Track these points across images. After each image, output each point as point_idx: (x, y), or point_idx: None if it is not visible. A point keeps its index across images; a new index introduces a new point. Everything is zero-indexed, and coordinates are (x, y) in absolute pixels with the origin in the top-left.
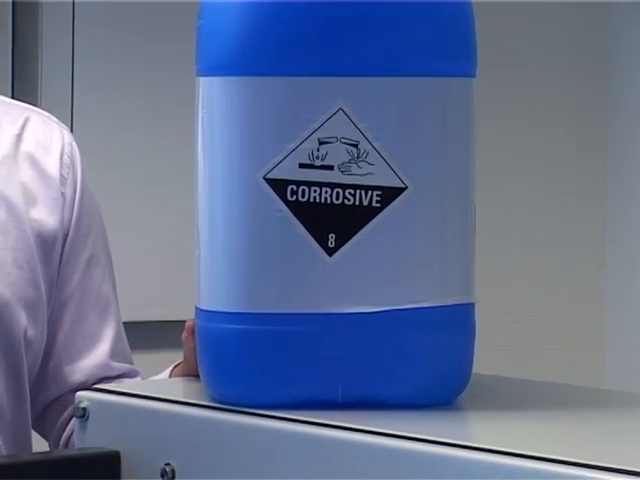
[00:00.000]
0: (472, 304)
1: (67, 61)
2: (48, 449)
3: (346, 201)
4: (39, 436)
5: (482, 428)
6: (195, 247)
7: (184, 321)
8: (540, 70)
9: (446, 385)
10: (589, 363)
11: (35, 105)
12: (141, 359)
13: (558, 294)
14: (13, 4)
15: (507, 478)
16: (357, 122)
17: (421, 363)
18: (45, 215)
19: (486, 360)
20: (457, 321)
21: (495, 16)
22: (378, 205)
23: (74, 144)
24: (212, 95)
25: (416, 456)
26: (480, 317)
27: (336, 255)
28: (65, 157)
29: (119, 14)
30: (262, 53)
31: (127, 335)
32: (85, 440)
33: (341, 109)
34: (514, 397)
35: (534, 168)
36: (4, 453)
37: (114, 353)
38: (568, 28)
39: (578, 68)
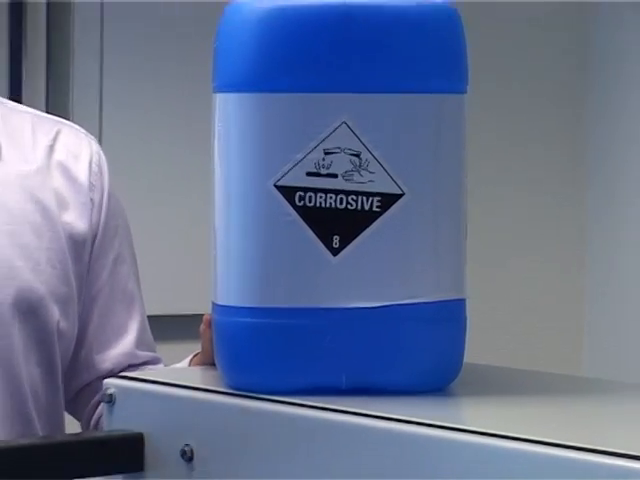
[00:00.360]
0: (463, 300)
1: (96, 77)
2: (80, 430)
3: (349, 206)
4: (71, 418)
5: (472, 412)
6: (211, 248)
7: (202, 315)
8: (519, 80)
9: (440, 373)
10: (567, 359)
11: (66, 118)
12: (163, 349)
13: (538, 293)
14: (47, 24)
15: (494, 458)
16: (359, 134)
17: (417, 353)
18: (76, 218)
19: (477, 352)
20: (449, 315)
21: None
22: (378, 210)
23: (101, 153)
24: (227, 110)
25: (411, 437)
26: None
27: (340, 255)
28: (93, 165)
29: (146, 34)
30: (273, 72)
31: (151, 327)
32: (112, 423)
33: (345, 123)
34: (502, 384)
35: (516, 172)
36: (40, 434)
37: (139, 343)
38: (545, 37)
39: (555, 77)
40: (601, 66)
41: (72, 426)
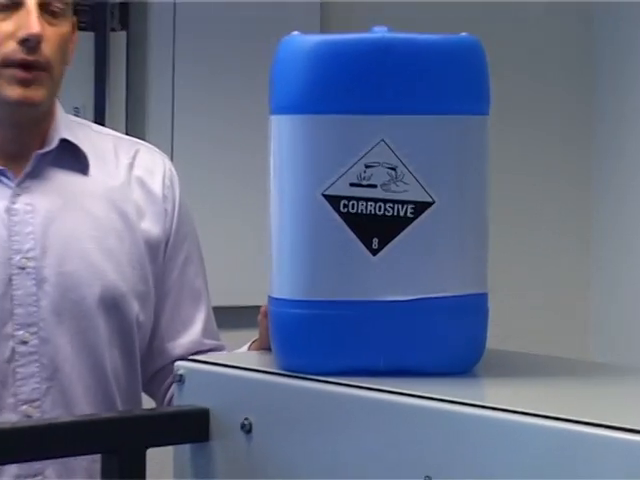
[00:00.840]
0: (485, 294)
1: (168, 101)
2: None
3: (386, 212)
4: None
5: (493, 391)
6: (268, 248)
7: (259, 306)
8: (526, 76)
9: (464, 357)
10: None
11: (142, 137)
12: (226, 336)
13: (545, 287)
14: (127, 56)
15: (509, 431)
16: (395, 151)
17: (445, 340)
18: (151, 226)
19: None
20: (473, 307)
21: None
22: (412, 216)
23: (173, 169)
24: (281, 129)
25: (439, 413)
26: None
27: (379, 255)
28: (166, 180)
29: (215, 60)
30: (321, 96)
31: (216, 317)
32: (182, 399)
33: (383, 140)
34: (519, 367)
35: (526, 169)
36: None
37: (205, 332)
38: (553, 36)
39: (564, 76)
40: (609, 65)
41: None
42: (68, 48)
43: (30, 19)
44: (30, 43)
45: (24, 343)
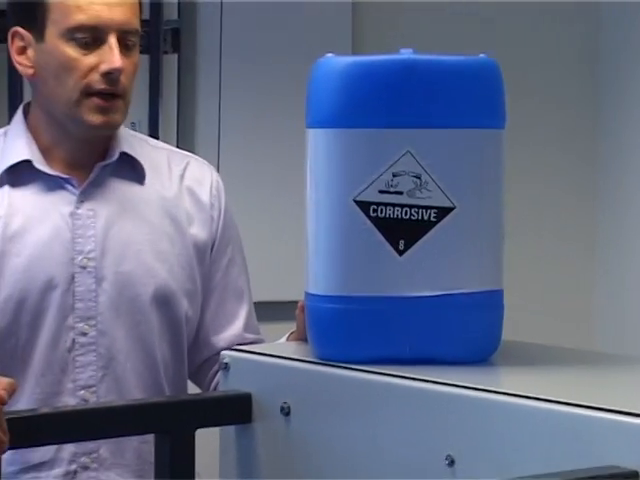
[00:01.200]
0: (501, 290)
1: (215, 117)
2: None
3: (412, 217)
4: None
5: (508, 378)
6: (305, 249)
7: (297, 301)
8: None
9: (482, 347)
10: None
11: (193, 152)
12: (266, 329)
13: (548, 293)
14: (178, 74)
15: (522, 414)
16: (420, 161)
17: (464, 332)
18: (199, 231)
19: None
20: (490, 302)
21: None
22: (434, 220)
23: (219, 180)
24: (317, 142)
25: (459, 398)
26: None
27: (405, 255)
28: (213, 190)
29: (256, 79)
30: (352, 112)
31: (257, 311)
32: (227, 385)
33: (409, 151)
34: (532, 356)
35: (533, 169)
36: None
37: (247, 327)
38: (557, 48)
39: (568, 78)
40: (613, 66)
41: None
42: (135, 73)
43: (113, 54)
44: (112, 76)
45: (83, 334)
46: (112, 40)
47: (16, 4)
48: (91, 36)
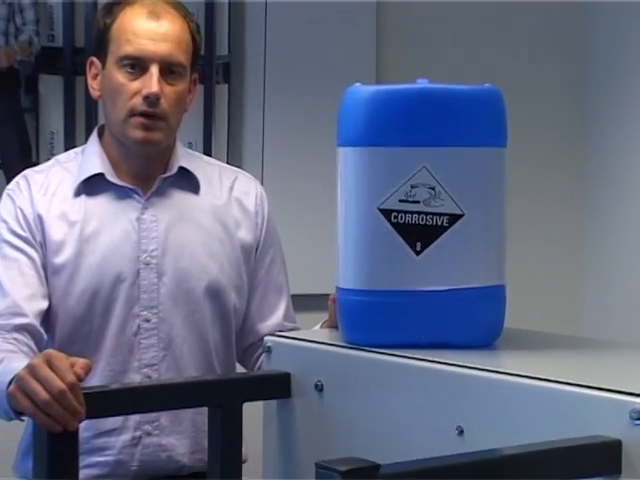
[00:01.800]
0: (504, 285)
1: (259, 138)
2: None
3: (427, 222)
4: None
5: (510, 360)
6: (335, 250)
7: (328, 294)
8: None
9: (487, 334)
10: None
11: (240, 167)
12: (302, 318)
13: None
14: (229, 102)
15: (520, 391)
16: (434, 175)
17: (472, 320)
18: (246, 235)
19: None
20: (494, 295)
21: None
22: (447, 225)
23: (263, 192)
24: (346, 158)
25: (467, 377)
26: None
27: (421, 255)
28: (258, 200)
29: (298, 107)
30: (376, 133)
31: (294, 303)
32: (269, 365)
33: (424, 167)
34: (530, 341)
35: (524, 174)
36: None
37: (285, 317)
38: (546, 63)
39: (557, 84)
40: (602, 74)
41: None
42: (184, 101)
43: (152, 82)
44: (150, 99)
45: (147, 321)
46: (153, 69)
47: (94, 37)
48: (137, 65)
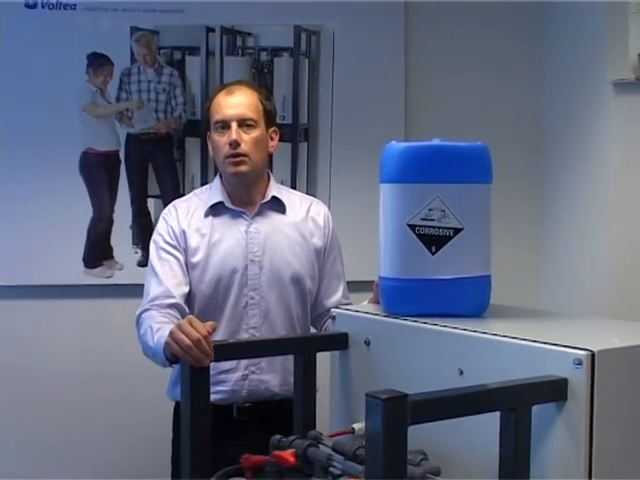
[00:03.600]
0: (490, 275)
1: (327, 177)
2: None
3: (440, 233)
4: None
5: (493, 324)
6: (378, 251)
7: (372, 281)
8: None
9: (479, 307)
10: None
11: (314, 196)
12: (354, 297)
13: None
14: (307, 155)
15: (501, 346)
16: (444, 202)
17: (469, 298)
18: (317, 241)
19: None
20: (484, 282)
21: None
22: (452, 235)
23: (329, 213)
24: (385, 191)
25: (465, 336)
26: None
27: (435, 255)
28: (325, 218)
29: (353, 156)
30: (405, 174)
31: (348, 286)
32: (334, 328)
33: (438, 197)
34: (508, 312)
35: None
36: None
37: (343, 295)
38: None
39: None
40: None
41: None
42: (264, 144)
43: (232, 133)
44: (233, 145)
45: (252, 298)
46: (233, 125)
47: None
48: (224, 126)
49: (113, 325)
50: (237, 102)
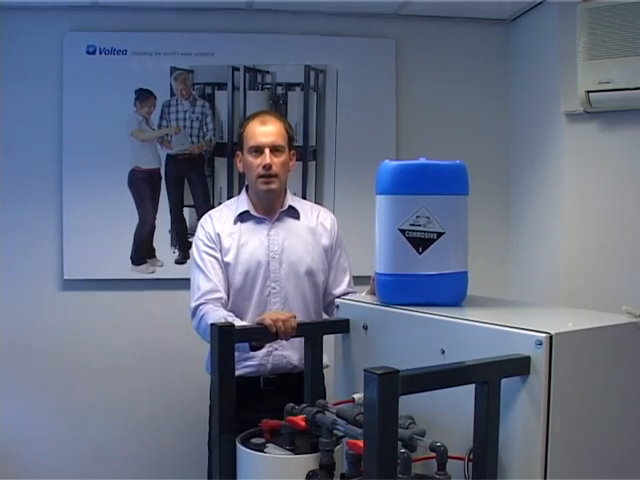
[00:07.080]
0: (467, 271)
1: (332, 189)
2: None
3: (425, 236)
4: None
5: (469, 312)
6: (375, 251)
7: (370, 276)
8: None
9: (458, 297)
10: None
11: (321, 205)
12: (356, 288)
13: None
14: (316, 172)
15: (476, 330)
16: (429, 210)
17: (450, 290)
18: (325, 241)
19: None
20: (462, 277)
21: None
22: (435, 238)
23: (335, 218)
24: (381, 201)
25: (446, 322)
26: None
27: (422, 254)
28: (332, 223)
29: (353, 172)
30: (396, 187)
31: (353, 280)
32: (339, 315)
33: (424, 206)
34: (481, 302)
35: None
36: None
37: (348, 286)
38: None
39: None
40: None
41: None
42: (287, 166)
43: (265, 158)
44: (266, 167)
45: (274, 289)
46: (266, 151)
47: (238, 138)
48: (258, 150)
49: (155, 312)
50: (269, 131)
